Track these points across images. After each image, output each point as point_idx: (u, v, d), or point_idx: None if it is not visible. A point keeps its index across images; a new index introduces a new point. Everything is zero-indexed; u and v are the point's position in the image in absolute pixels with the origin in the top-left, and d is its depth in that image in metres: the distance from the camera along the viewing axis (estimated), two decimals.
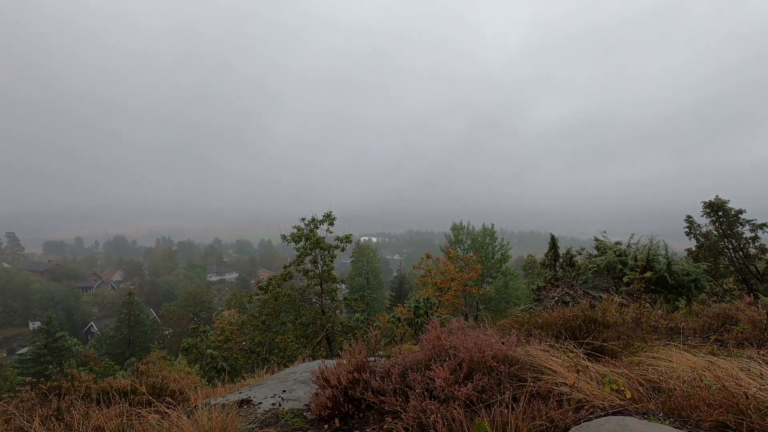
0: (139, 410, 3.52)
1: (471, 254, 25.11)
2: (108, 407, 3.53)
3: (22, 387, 4.30)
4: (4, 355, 46.10)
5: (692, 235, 13.08)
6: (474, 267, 21.33)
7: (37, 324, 44.04)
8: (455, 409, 2.72)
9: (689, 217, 13.20)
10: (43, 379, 4.51)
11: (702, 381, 2.67)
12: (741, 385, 2.51)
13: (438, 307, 12.27)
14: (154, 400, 3.66)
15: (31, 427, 3.12)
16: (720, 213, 12.13)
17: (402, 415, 2.94)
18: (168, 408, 3.32)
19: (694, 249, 12.89)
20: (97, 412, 3.33)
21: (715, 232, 12.37)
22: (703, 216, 12.66)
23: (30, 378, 4.65)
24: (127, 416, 3.34)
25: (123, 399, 3.88)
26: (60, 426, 3.16)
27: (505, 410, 2.59)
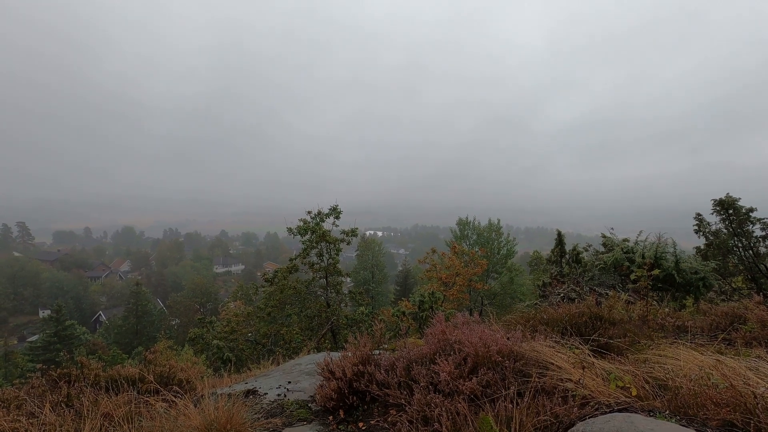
0: (147, 398, 3.57)
1: (476, 249, 25.03)
2: (116, 395, 3.58)
3: (32, 373, 4.37)
4: (15, 342, 47.01)
5: (701, 233, 12.92)
6: (479, 262, 21.26)
7: (47, 312, 44.72)
8: (460, 403, 2.73)
9: (698, 214, 13.03)
10: (53, 366, 4.59)
11: (709, 379, 2.65)
12: (749, 385, 2.49)
13: (443, 302, 12.28)
14: (162, 389, 3.71)
15: (42, 413, 3.18)
16: (730, 211, 11.95)
17: (406, 408, 2.95)
18: (175, 396, 3.37)
19: (702, 247, 12.74)
20: (106, 399, 3.39)
21: (725, 231, 12.21)
22: (712, 214, 12.48)
23: (41, 365, 4.73)
24: (135, 404, 3.39)
25: (131, 387, 3.93)
26: (70, 412, 3.22)
27: (510, 405, 2.60)
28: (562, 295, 8.58)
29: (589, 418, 2.45)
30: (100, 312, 61.21)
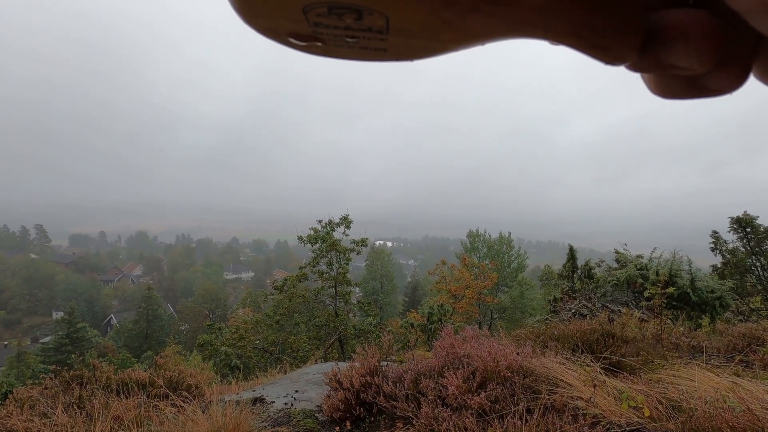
0: (157, 402, 3.61)
1: (487, 262, 24.84)
2: (127, 398, 3.62)
3: (45, 374, 4.45)
4: (28, 343, 47.71)
5: (718, 251, 12.67)
6: (489, 275, 21.09)
7: (60, 314, 45.48)
8: (468, 418, 2.70)
9: (715, 232, 12.81)
10: (65, 367, 4.66)
11: (725, 402, 2.58)
12: (767, 409, 2.43)
13: (452, 315, 12.19)
14: (171, 394, 3.74)
15: (54, 414, 3.23)
16: (748, 229, 11.72)
17: (414, 421, 2.93)
18: (184, 402, 3.39)
19: (719, 265, 12.49)
20: (116, 402, 3.43)
21: (743, 249, 11.96)
22: (729, 232, 12.26)
23: (54, 366, 4.81)
24: (144, 408, 3.43)
25: (141, 391, 3.98)
26: (81, 414, 3.27)
27: (519, 422, 2.56)
28: (573, 310, 8.46)
29: None
30: (112, 315, 61.95)
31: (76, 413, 3.25)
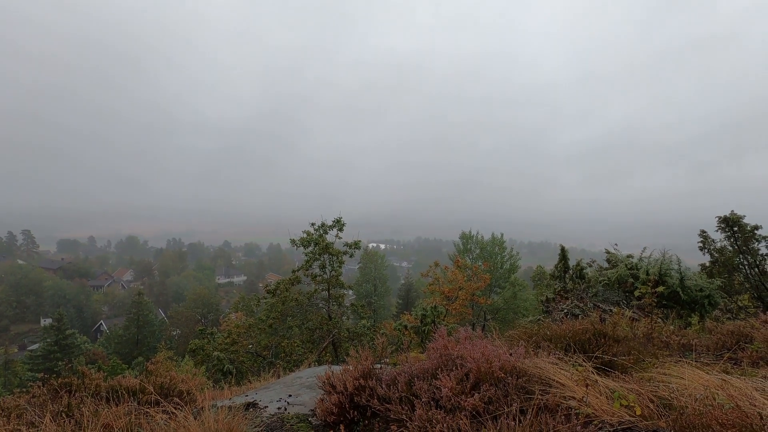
0: (147, 409, 3.56)
1: (479, 263, 24.94)
2: (117, 405, 3.57)
3: (32, 382, 4.37)
4: (15, 350, 46.88)
5: (706, 250, 12.86)
6: (482, 276, 21.17)
7: (49, 321, 44.71)
8: (462, 419, 2.71)
9: (703, 231, 12.99)
10: (53, 375, 4.58)
11: (715, 400, 2.62)
12: (755, 405, 2.46)
13: (445, 316, 12.20)
14: (162, 400, 3.70)
15: (42, 423, 3.17)
16: (735, 228, 11.91)
17: (408, 424, 2.93)
18: (175, 408, 3.35)
19: (708, 264, 12.67)
20: (106, 409, 3.38)
21: (730, 248, 12.15)
22: (717, 231, 12.44)
23: (42, 374, 4.73)
24: (135, 415, 3.38)
25: (132, 398, 3.92)
26: (70, 422, 3.21)
27: (512, 422, 2.57)
28: (565, 311, 8.52)
29: None
30: (102, 321, 61.12)
31: (64, 422, 3.19)
